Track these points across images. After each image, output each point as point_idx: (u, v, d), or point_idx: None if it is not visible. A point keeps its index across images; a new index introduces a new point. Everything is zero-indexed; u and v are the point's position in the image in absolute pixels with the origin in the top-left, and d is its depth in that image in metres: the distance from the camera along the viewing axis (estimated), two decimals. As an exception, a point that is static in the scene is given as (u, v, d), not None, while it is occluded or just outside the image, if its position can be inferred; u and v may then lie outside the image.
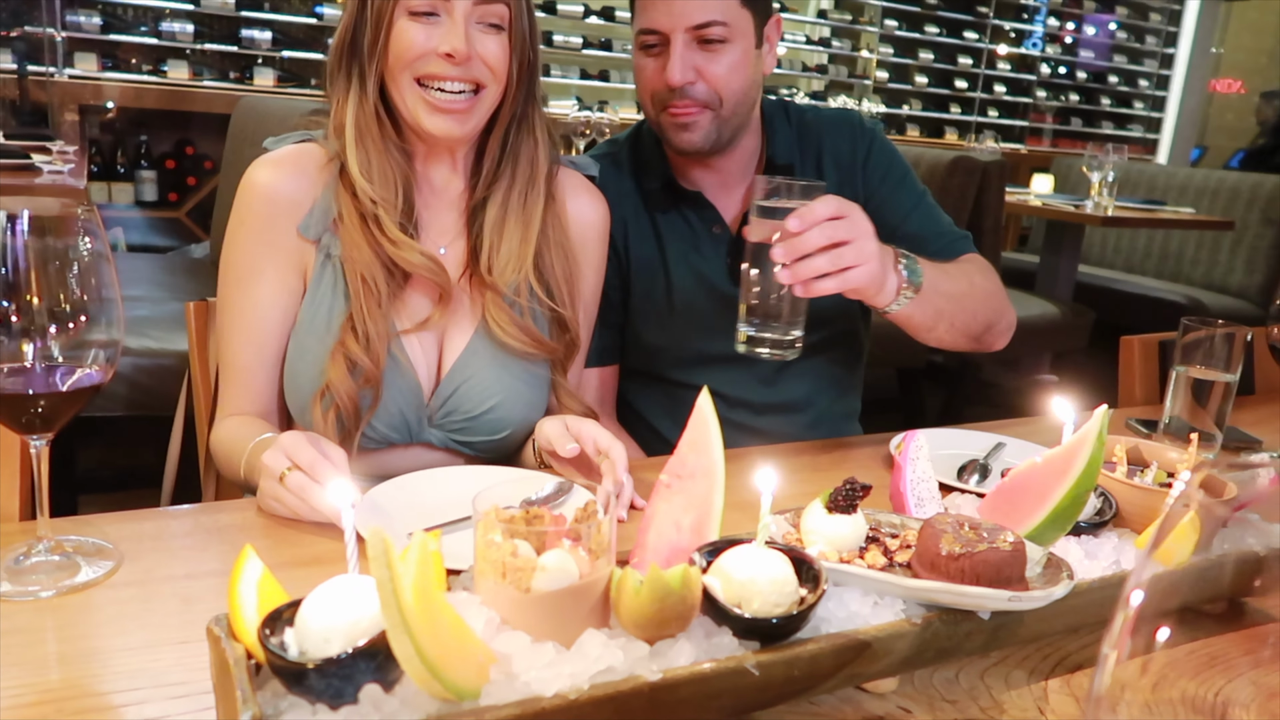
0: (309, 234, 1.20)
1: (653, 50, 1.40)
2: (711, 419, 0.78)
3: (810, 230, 1.11)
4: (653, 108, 1.43)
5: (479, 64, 1.15)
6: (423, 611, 0.53)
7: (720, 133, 1.42)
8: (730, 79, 1.39)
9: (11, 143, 2.85)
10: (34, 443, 0.82)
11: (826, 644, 0.67)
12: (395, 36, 1.14)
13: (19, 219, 0.77)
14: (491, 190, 1.25)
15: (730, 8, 1.36)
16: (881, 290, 1.20)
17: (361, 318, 1.15)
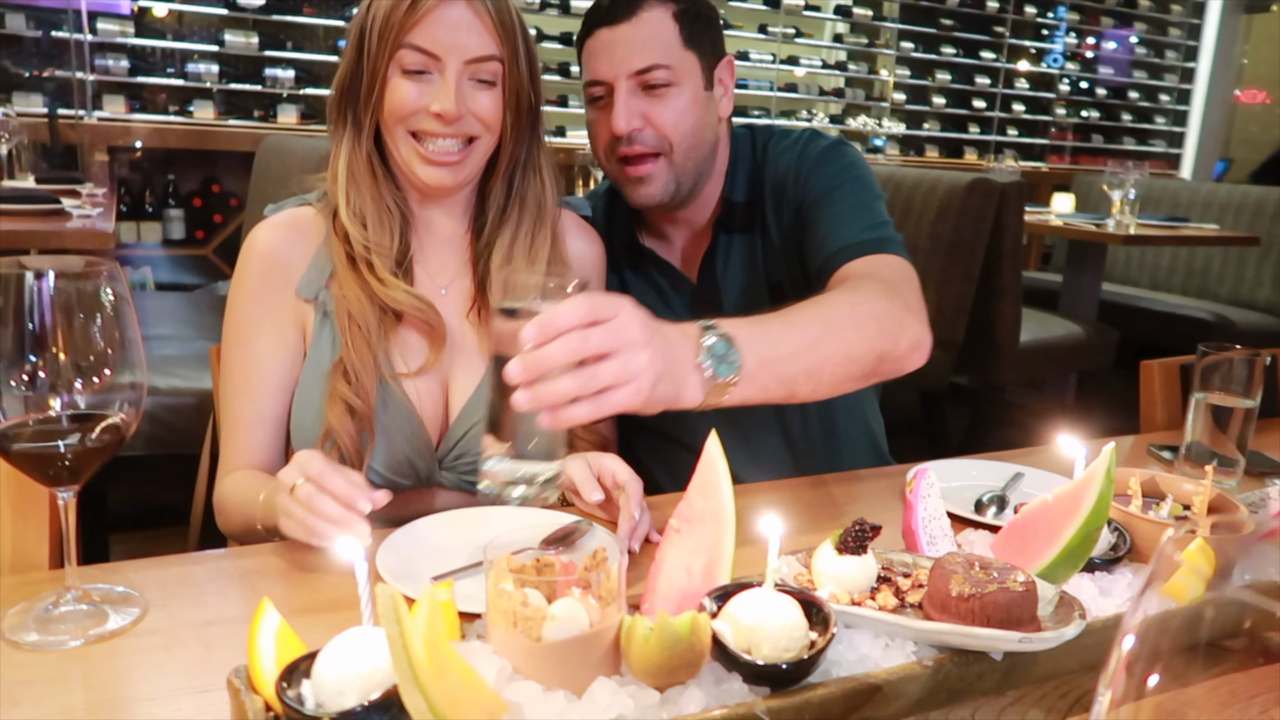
0: (305, 294, 1.22)
1: (600, 102, 1.38)
2: (720, 463, 0.79)
3: (553, 343, 0.82)
4: (607, 162, 1.41)
5: (471, 119, 1.18)
6: (433, 665, 0.54)
7: (678, 182, 1.40)
8: (679, 123, 1.36)
9: (42, 187, 2.92)
10: (61, 494, 0.84)
11: (837, 688, 0.67)
12: (389, 91, 1.17)
13: (45, 277, 0.80)
14: (498, 233, 1.27)
15: (672, 51, 1.34)
16: (677, 399, 0.93)
17: (349, 356, 1.18)
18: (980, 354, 3.56)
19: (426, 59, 1.15)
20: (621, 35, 1.33)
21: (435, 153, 1.17)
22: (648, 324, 0.87)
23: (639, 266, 1.52)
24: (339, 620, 0.87)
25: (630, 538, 1.04)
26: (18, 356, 0.79)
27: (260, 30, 4.81)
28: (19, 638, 0.82)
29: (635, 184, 1.39)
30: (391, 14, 1.14)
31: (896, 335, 1.16)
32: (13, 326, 0.79)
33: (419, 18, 1.13)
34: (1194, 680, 0.40)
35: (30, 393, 0.80)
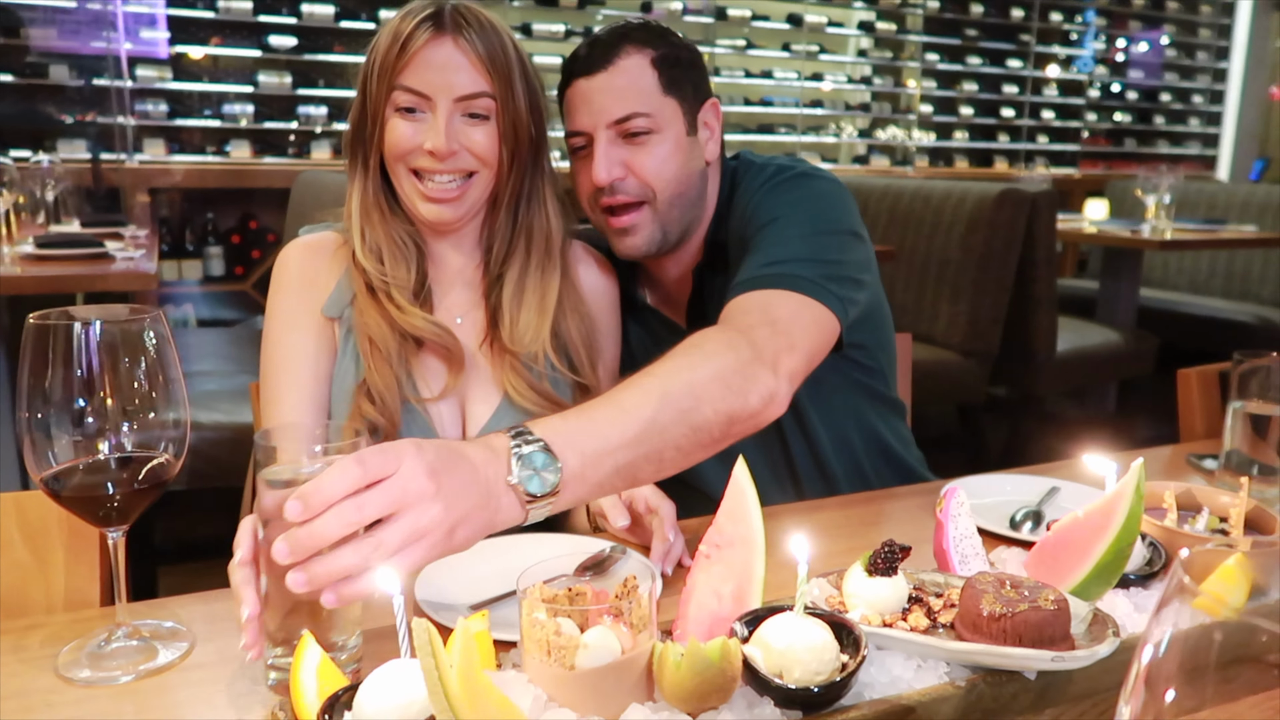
0: (330, 313, 1.27)
1: (581, 153, 1.36)
2: (749, 489, 0.80)
3: (323, 517, 0.72)
4: (592, 213, 1.39)
5: (465, 155, 1.21)
6: (468, 696, 0.55)
7: (665, 232, 1.37)
8: (661, 170, 1.33)
9: (87, 231, 3.01)
10: (111, 534, 0.87)
11: (869, 710, 0.68)
12: (388, 131, 1.21)
13: (91, 326, 0.83)
14: (506, 265, 1.29)
15: (650, 98, 1.32)
16: (493, 526, 0.84)
17: (373, 378, 1.21)
18: (1017, 365, 3.53)
19: (417, 99, 1.19)
20: (599, 84, 1.32)
21: (434, 190, 1.21)
22: (435, 469, 0.76)
23: (638, 316, 1.53)
24: (377, 650, 0.89)
25: (664, 561, 1.05)
26: (67, 402, 0.82)
27: (293, 69, 4.92)
28: (73, 674, 0.85)
29: (620, 235, 1.37)
30: (385, 57, 1.19)
31: (745, 391, 1.04)
32: (62, 374, 0.82)
33: (409, 59, 1.18)
34: (1224, 698, 0.40)
35: (80, 437, 0.83)
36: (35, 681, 0.84)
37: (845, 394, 1.48)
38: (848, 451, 1.51)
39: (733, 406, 1.02)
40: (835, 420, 1.49)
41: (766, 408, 1.07)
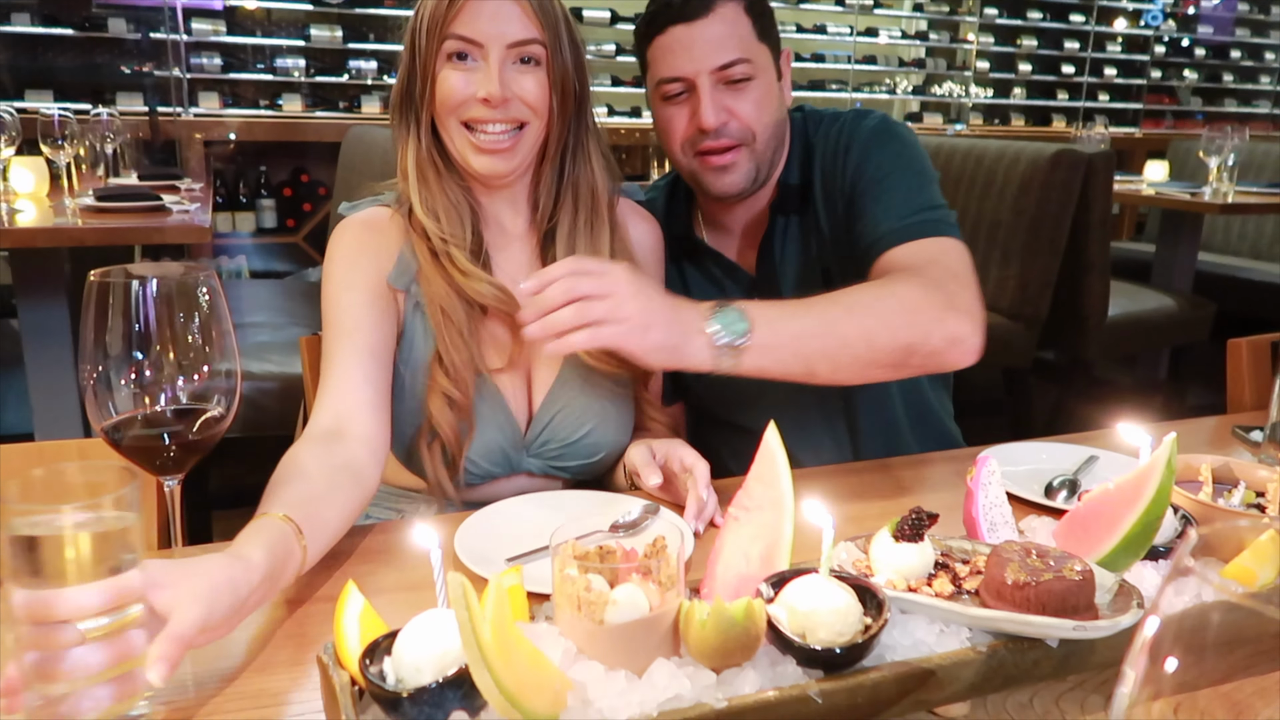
0: (398, 284, 1.25)
1: (677, 98, 1.39)
2: (779, 452, 0.82)
3: (549, 287, 1.03)
4: (684, 156, 1.43)
5: (517, 103, 1.20)
6: (500, 646, 0.58)
7: (759, 170, 1.43)
8: (761, 114, 1.39)
9: (144, 184, 3.08)
10: (167, 482, 0.91)
11: (889, 672, 0.70)
12: (439, 83, 1.20)
13: (148, 283, 0.86)
14: (556, 221, 1.30)
15: (749, 45, 1.37)
16: (681, 355, 1.05)
17: (447, 350, 1.22)
18: (1067, 329, 3.47)
19: (470, 46, 1.18)
20: (699, 32, 1.35)
21: (487, 142, 1.20)
22: (638, 283, 1.04)
23: (696, 260, 1.54)
24: (417, 600, 0.93)
25: (697, 519, 1.07)
26: (125, 356, 0.86)
27: (344, 23, 4.95)
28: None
29: (719, 173, 1.41)
30: (435, 9, 1.18)
31: (928, 329, 1.15)
32: (121, 329, 0.86)
33: (459, 8, 1.18)
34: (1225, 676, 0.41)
35: (137, 389, 0.87)
36: (98, 619, 0.89)
37: None
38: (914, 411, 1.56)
39: (912, 339, 1.16)
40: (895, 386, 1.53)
41: (951, 349, 1.19)
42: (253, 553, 0.84)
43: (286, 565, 0.89)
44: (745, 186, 1.43)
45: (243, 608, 0.80)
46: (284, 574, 0.89)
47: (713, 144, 1.38)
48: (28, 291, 2.55)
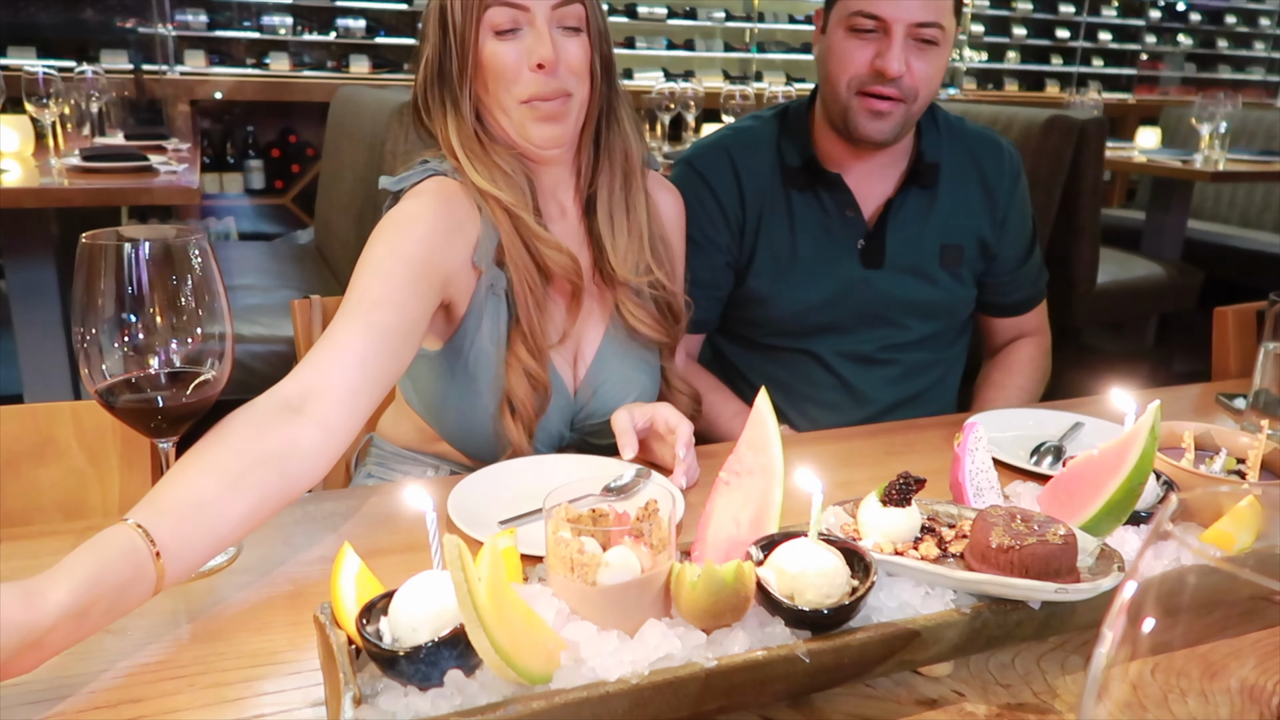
0: (481, 263, 1.21)
1: (864, 34, 1.45)
2: (770, 419, 0.82)
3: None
4: (845, 91, 1.49)
5: (565, 71, 1.18)
6: (495, 607, 0.59)
7: (904, 127, 1.50)
8: (930, 79, 1.47)
9: (131, 144, 3.04)
10: (162, 444, 0.92)
11: (875, 633, 0.71)
12: (486, 59, 1.17)
13: (140, 246, 0.86)
14: (595, 188, 1.29)
15: (946, 13, 1.45)
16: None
17: (529, 321, 1.22)
18: (1055, 295, 3.47)
19: (516, 13, 1.16)
20: None
21: (544, 110, 1.18)
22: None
23: (813, 190, 1.59)
24: (411, 561, 0.94)
25: (683, 476, 1.10)
26: (119, 318, 0.86)
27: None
28: (129, 573, 0.91)
29: (872, 118, 1.48)
30: None
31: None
32: (114, 291, 0.86)
33: None
34: (1200, 638, 0.42)
35: (130, 351, 0.87)
36: (95, 579, 0.90)
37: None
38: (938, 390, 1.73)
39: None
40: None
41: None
42: (54, 592, 0.70)
43: (126, 591, 0.75)
44: (889, 137, 1.50)
45: (38, 649, 0.69)
46: (121, 600, 0.75)
47: (881, 90, 1.45)
48: (15, 252, 2.53)
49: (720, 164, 1.59)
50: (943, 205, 1.60)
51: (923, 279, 1.60)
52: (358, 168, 2.89)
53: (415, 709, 0.61)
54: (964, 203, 1.61)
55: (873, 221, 1.59)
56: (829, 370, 1.62)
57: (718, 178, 1.59)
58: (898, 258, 1.58)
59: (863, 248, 1.58)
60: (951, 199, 1.61)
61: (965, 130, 1.65)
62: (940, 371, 1.69)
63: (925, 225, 1.60)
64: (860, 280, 1.58)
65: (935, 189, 1.60)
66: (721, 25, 5.89)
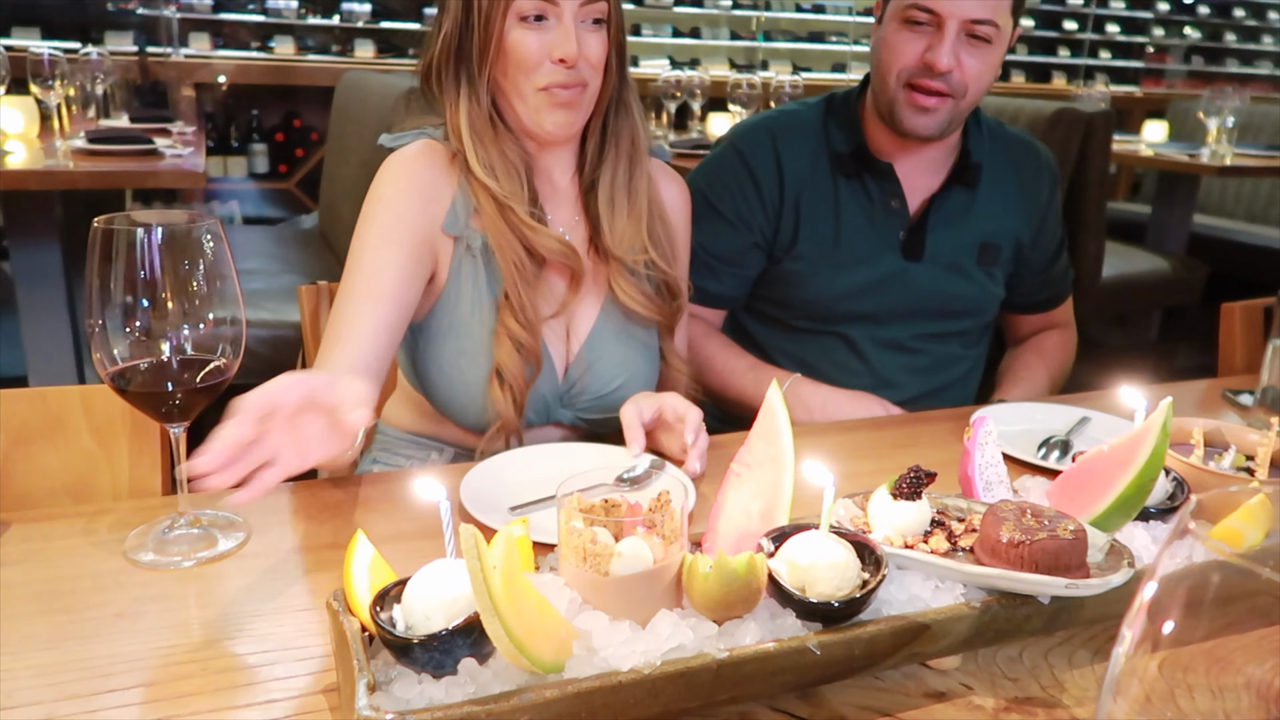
0: (451, 229, 1.24)
1: (917, 26, 1.44)
2: (780, 411, 0.83)
3: None
4: (894, 82, 1.48)
5: (584, 63, 1.20)
6: (510, 596, 0.59)
7: (951, 123, 1.50)
8: (982, 77, 1.46)
9: (136, 127, 3.04)
10: (173, 429, 0.92)
11: (885, 625, 0.71)
12: (510, 45, 1.18)
13: (153, 231, 0.86)
14: (599, 172, 1.31)
15: (1002, 11, 1.43)
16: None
17: (518, 296, 1.23)
18: (1060, 290, 3.48)
19: (544, 4, 1.17)
20: None
21: (559, 97, 1.20)
22: None
23: (857, 177, 1.59)
24: (421, 549, 0.93)
25: (697, 460, 1.11)
26: (131, 304, 0.86)
27: (337, -37, 4.85)
28: (138, 557, 0.91)
29: (918, 112, 1.48)
30: None
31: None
32: (126, 276, 0.86)
33: None
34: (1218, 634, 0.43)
35: (143, 337, 0.88)
36: (106, 563, 0.90)
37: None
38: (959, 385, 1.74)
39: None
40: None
41: None
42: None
43: None
44: (935, 133, 1.50)
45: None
46: None
47: (929, 84, 1.45)
48: (20, 234, 2.53)
49: (762, 144, 1.59)
50: (982, 204, 1.61)
51: (959, 275, 1.61)
52: (363, 152, 2.89)
53: (429, 696, 0.61)
54: (1003, 204, 1.62)
55: (916, 215, 1.59)
56: (859, 355, 1.62)
57: (757, 158, 1.59)
58: (937, 252, 1.59)
59: (904, 240, 1.58)
60: (991, 199, 1.61)
61: (1005, 133, 1.66)
62: (965, 367, 1.69)
63: (965, 222, 1.60)
64: (899, 271, 1.58)
65: (976, 188, 1.60)
66: (728, 13, 5.87)
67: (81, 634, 0.79)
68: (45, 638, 0.79)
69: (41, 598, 0.85)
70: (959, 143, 1.60)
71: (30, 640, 0.78)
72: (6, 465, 1.08)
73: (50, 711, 0.70)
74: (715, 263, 1.59)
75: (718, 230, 1.59)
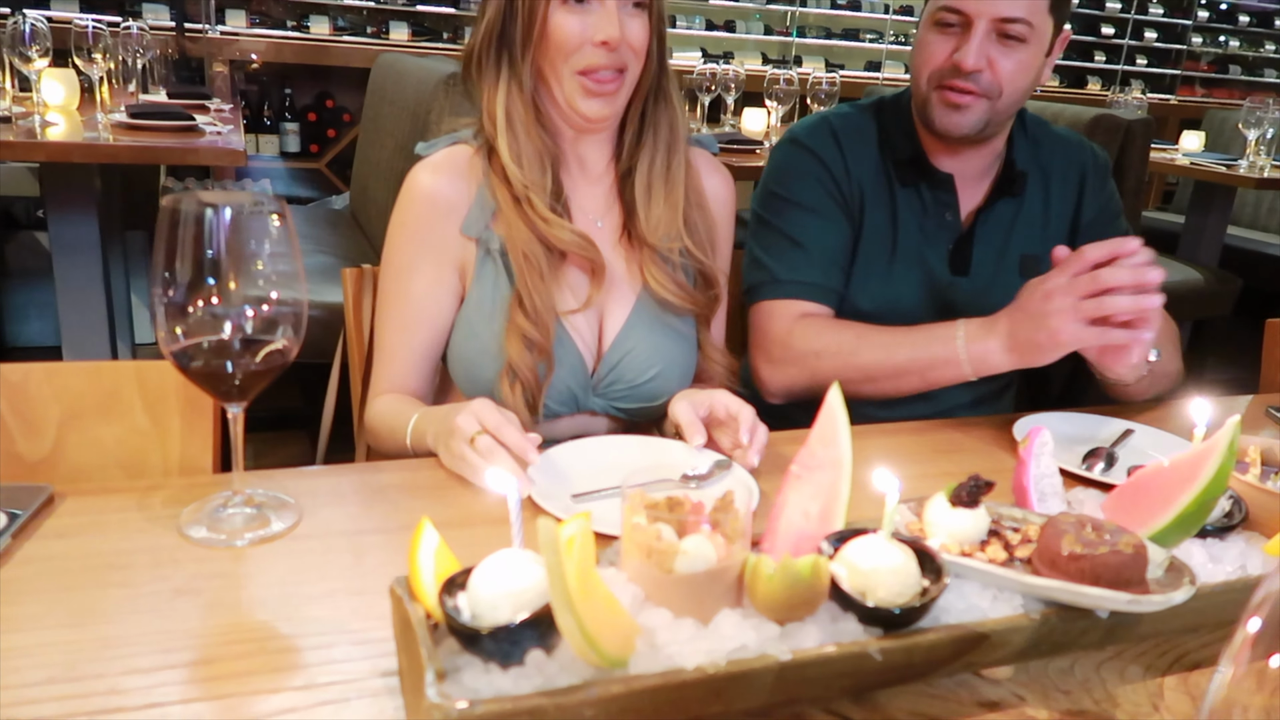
0: (470, 232, 1.27)
1: (948, 28, 1.43)
2: (841, 414, 0.82)
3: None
4: (926, 84, 1.46)
5: (625, 48, 1.20)
6: (583, 591, 0.60)
7: (987, 124, 1.46)
8: (1016, 77, 1.42)
9: (175, 102, 3.05)
10: (231, 409, 0.93)
11: (945, 634, 0.71)
12: (552, 27, 1.19)
13: (222, 211, 0.87)
14: (636, 159, 1.31)
15: (1038, 9, 1.39)
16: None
17: (528, 292, 1.23)
18: (1089, 298, 3.45)
19: None
20: None
21: (595, 85, 1.20)
22: None
23: (914, 185, 1.55)
24: (474, 534, 0.95)
25: (752, 452, 1.10)
26: (197, 282, 0.87)
27: (374, -55, 4.85)
28: (193, 533, 0.92)
29: (949, 110, 1.44)
30: None
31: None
32: (192, 255, 0.86)
33: None
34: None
35: (207, 315, 0.88)
36: (161, 538, 0.91)
37: None
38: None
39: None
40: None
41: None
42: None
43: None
44: (968, 132, 1.46)
45: None
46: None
47: (959, 83, 1.42)
48: (58, 206, 2.55)
49: (828, 142, 1.56)
50: (1026, 214, 1.57)
51: (1001, 288, 1.52)
52: (399, 135, 2.89)
53: (497, 686, 0.61)
54: (1046, 211, 1.59)
55: (965, 227, 1.56)
56: None
57: (827, 154, 1.54)
58: (981, 266, 1.55)
59: (951, 252, 1.56)
60: (1035, 208, 1.58)
61: (1050, 134, 1.62)
62: (1006, 379, 1.65)
63: (1010, 235, 1.57)
64: (946, 285, 1.55)
65: (1022, 197, 1.57)
66: (762, 7, 5.84)
67: (143, 608, 0.80)
68: (107, 611, 0.80)
69: (99, 570, 0.86)
70: (1003, 151, 1.58)
71: (92, 613, 0.79)
72: (61, 438, 1.09)
73: (114, 685, 0.71)
74: (814, 251, 1.51)
75: (805, 221, 1.52)
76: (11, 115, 2.46)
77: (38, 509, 0.92)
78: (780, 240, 1.51)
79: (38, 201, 3.49)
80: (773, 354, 1.47)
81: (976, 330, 1.32)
